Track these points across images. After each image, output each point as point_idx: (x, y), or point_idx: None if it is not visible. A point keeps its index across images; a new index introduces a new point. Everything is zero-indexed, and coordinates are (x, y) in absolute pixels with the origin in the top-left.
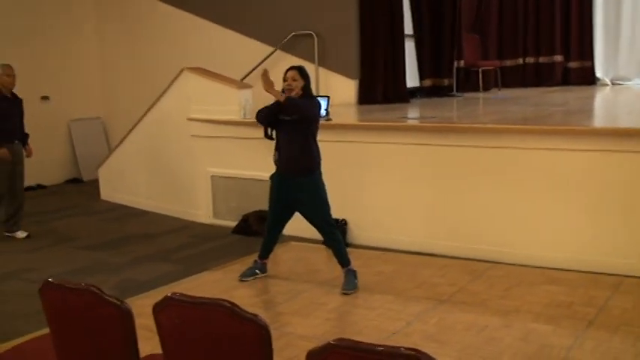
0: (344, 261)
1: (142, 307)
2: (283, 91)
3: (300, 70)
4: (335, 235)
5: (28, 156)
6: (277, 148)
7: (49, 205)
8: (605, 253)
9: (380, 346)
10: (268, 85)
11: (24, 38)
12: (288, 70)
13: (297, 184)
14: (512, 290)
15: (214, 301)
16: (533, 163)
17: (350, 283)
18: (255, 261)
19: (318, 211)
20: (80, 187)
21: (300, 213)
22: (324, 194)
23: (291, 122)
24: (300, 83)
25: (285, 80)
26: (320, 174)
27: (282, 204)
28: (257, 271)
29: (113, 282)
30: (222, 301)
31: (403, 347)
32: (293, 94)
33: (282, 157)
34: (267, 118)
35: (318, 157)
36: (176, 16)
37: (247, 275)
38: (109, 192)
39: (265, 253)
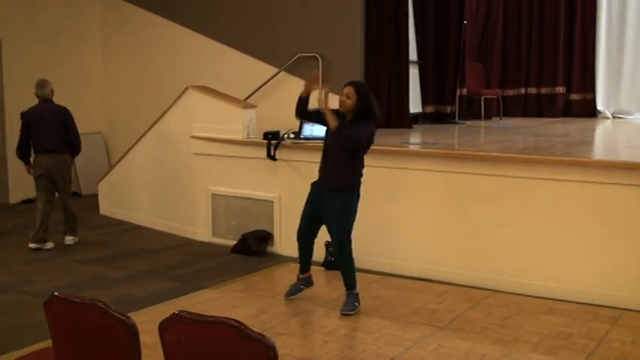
0: (349, 284)
1: (140, 324)
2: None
3: (358, 87)
4: (345, 257)
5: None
6: (324, 158)
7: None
8: (606, 286)
9: None
10: (323, 103)
11: (26, 52)
12: (345, 85)
13: (331, 195)
14: (512, 319)
15: (222, 320)
16: (534, 192)
17: (349, 304)
18: (298, 277)
19: (338, 227)
20: (79, 201)
21: (325, 224)
22: (351, 216)
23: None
24: (353, 101)
25: (341, 95)
26: (356, 196)
27: (313, 212)
28: (302, 287)
29: (110, 297)
30: (230, 320)
31: None
32: (344, 110)
33: (325, 170)
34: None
35: (358, 179)
36: (182, 34)
37: (292, 293)
38: (108, 207)
39: (303, 265)
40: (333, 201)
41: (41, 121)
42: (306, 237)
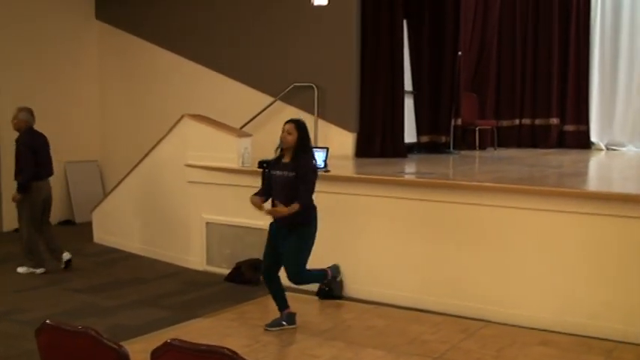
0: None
1: (133, 353)
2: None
3: (297, 124)
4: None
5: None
6: (273, 199)
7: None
8: (600, 318)
9: None
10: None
11: (23, 79)
12: (286, 122)
13: (288, 231)
14: (506, 350)
15: (214, 349)
16: (529, 223)
17: (276, 323)
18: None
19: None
20: (73, 229)
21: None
22: (307, 248)
23: (288, 179)
24: (294, 137)
25: (282, 132)
26: (312, 228)
27: (274, 253)
28: (283, 323)
29: (103, 326)
30: (223, 349)
31: None
32: (286, 146)
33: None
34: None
35: (314, 210)
36: (178, 62)
37: (273, 326)
38: (102, 235)
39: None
40: (291, 235)
41: (43, 147)
42: (271, 276)
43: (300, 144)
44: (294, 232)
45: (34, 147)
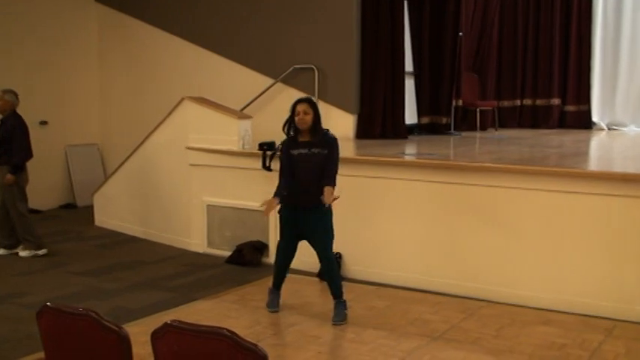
0: (336, 293)
1: (133, 335)
2: (290, 124)
3: (310, 102)
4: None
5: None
6: (301, 179)
7: (42, 230)
8: (600, 297)
9: None
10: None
11: (24, 63)
12: (297, 102)
13: (309, 213)
14: (506, 330)
15: (214, 330)
16: (530, 203)
17: (340, 314)
18: (272, 290)
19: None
20: (74, 212)
21: (308, 241)
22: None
23: (321, 157)
24: (311, 116)
25: (296, 115)
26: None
27: (294, 236)
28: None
29: (104, 308)
30: (223, 330)
31: None
32: (305, 127)
33: (302, 191)
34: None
35: None
36: (178, 45)
37: (276, 305)
38: (103, 218)
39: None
40: (318, 218)
41: (27, 129)
42: (288, 260)
43: (317, 121)
44: (317, 211)
45: (25, 128)
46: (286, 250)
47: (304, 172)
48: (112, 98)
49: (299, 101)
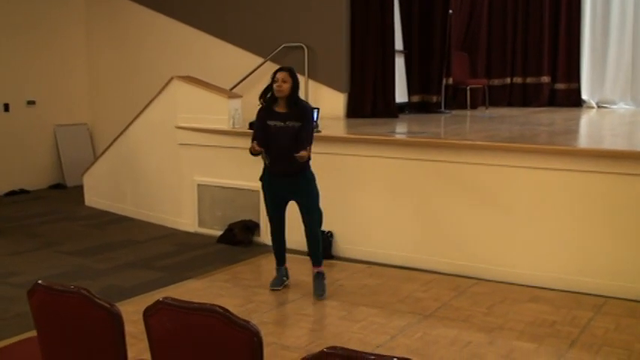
0: (315, 260)
1: (125, 314)
2: (269, 91)
3: (290, 71)
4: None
5: None
6: (273, 149)
7: (32, 210)
8: (589, 274)
9: (371, 355)
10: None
11: (11, 42)
12: (278, 70)
13: (287, 178)
14: (496, 307)
15: (206, 307)
16: (519, 181)
17: (320, 286)
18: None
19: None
20: (64, 192)
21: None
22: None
23: (294, 130)
24: (289, 84)
25: (275, 81)
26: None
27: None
28: (284, 278)
29: (96, 288)
30: (215, 307)
31: (396, 357)
32: (282, 95)
33: (278, 158)
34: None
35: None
36: (166, 24)
37: (278, 285)
38: (93, 198)
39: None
40: (302, 183)
41: None
42: (281, 231)
43: (295, 91)
44: (299, 178)
45: None
46: (274, 217)
47: (277, 145)
48: (101, 77)
49: (280, 69)
